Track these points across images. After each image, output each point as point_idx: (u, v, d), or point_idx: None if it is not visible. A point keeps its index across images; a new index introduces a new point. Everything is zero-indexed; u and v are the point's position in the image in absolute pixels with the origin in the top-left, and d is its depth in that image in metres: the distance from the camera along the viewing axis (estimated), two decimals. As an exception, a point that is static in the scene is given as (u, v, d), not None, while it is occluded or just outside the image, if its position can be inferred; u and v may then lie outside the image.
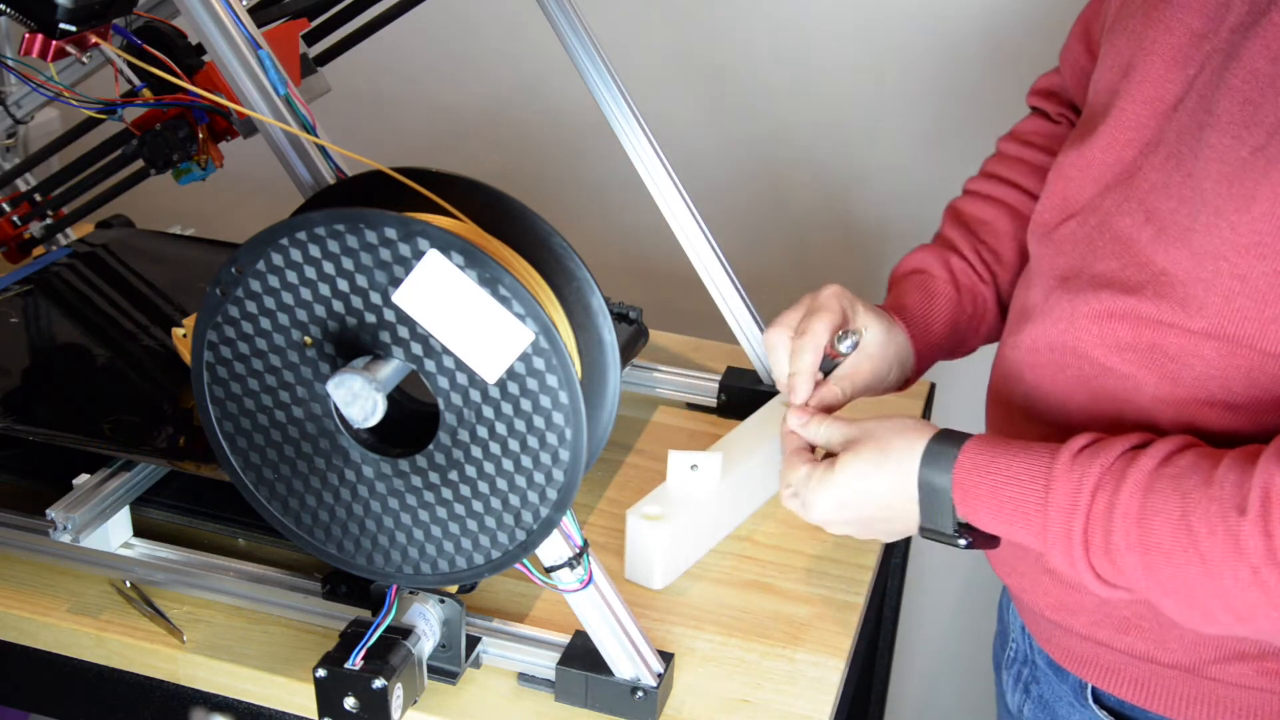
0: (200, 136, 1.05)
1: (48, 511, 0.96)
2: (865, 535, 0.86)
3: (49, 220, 1.26)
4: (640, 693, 0.88)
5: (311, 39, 1.14)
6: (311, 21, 1.12)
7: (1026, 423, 0.87)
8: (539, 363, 0.72)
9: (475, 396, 0.73)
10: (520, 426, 0.74)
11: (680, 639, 0.97)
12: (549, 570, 0.83)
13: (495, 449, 0.75)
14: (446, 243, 0.70)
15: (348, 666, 0.84)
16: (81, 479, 1.00)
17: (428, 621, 0.88)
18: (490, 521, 0.77)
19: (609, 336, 0.82)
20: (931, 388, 1.33)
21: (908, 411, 1.26)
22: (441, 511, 0.78)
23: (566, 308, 0.80)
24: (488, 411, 0.74)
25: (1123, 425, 0.80)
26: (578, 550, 0.83)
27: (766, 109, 1.60)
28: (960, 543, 0.80)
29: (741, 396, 1.24)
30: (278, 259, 0.73)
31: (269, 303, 0.74)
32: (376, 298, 0.72)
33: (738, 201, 1.65)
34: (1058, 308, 0.84)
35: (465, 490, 0.76)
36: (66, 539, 0.97)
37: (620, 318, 1.25)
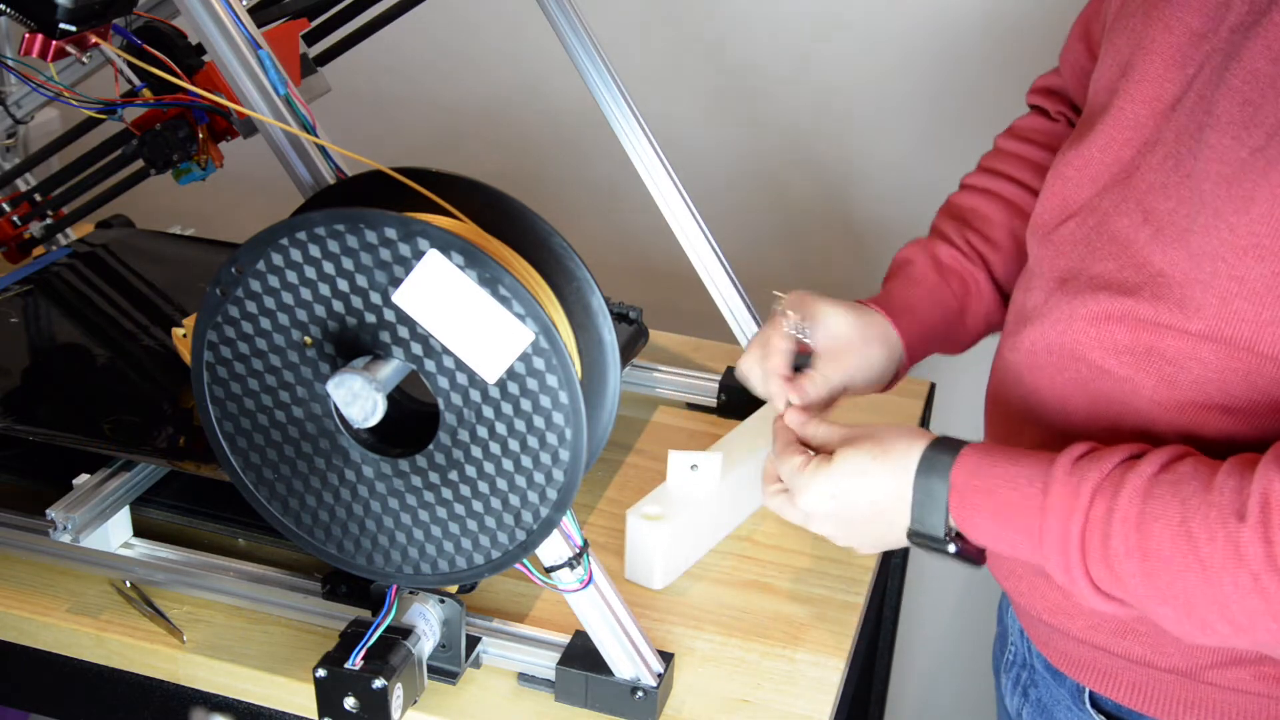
0: (200, 136, 1.05)
1: (48, 511, 0.96)
2: (843, 536, 0.84)
3: (49, 220, 1.26)
4: (640, 693, 0.88)
5: (311, 39, 1.14)
6: (311, 21, 1.12)
7: (1025, 425, 0.87)
8: (539, 363, 0.72)
9: (475, 396, 0.73)
10: (520, 426, 0.74)
11: (680, 639, 0.97)
12: (549, 570, 0.83)
13: (495, 449, 0.75)
14: (446, 243, 0.70)
15: (348, 666, 0.84)
16: (81, 479, 1.00)
17: (428, 621, 0.88)
18: (490, 521, 0.77)
19: (609, 336, 0.82)
20: (931, 388, 1.33)
21: (906, 412, 1.26)
22: (441, 511, 0.78)
23: (566, 308, 0.80)
24: (488, 411, 0.74)
25: (1121, 428, 0.80)
26: (578, 550, 0.83)
27: (767, 109, 1.60)
28: (950, 548, 0.79)
29: (741, 396, 1.24)
30: (278, 259, 0.73)
31: (269, 303, 0.74)
32: (376, 298, 0.72)
33: (738, 201, 1.65)
34: (1056, 309, 0.83)
35: (465, 490, 0.76)
36: (66, 539, 0.97)
37: (620, 318, 1.25)
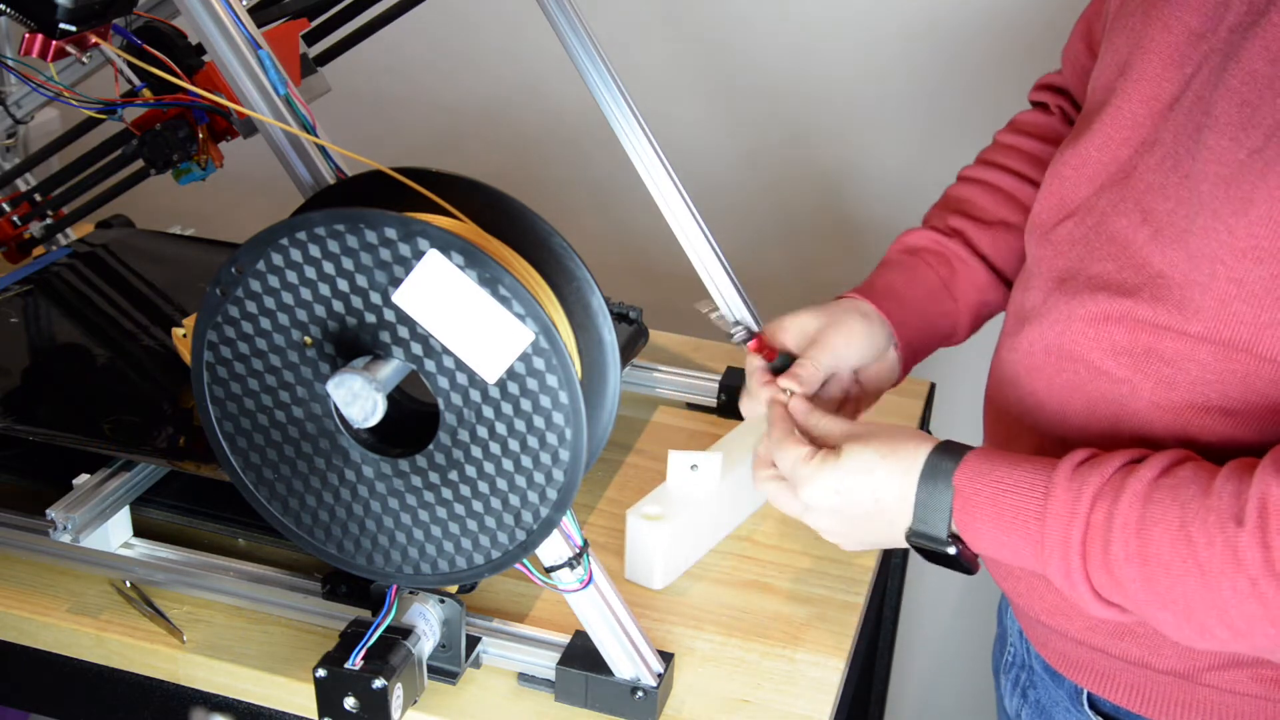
0: (200, 136, 1.05)
1: (48, 511, 0.96)
2: (838, 532, 0.84)
3: (49, 220, 1.26)
4: (640, 693, 0.88)
5: (311, 39, 1.14)
6: (311, 21, 1.12)
7: (1023, 426, 0.87)
8: (539, 363, 0.72)
9: (475, 396, 0.73)
10: (520, 426, 0.74)
11: (680, 639, 0.97)
12: (549, 570, 0.83)
13: (495, 449, 0.75)
14: (446, 243, 0.70)
15: (348, 666, 0.84)
16: (81, 479, 1.00)
17: (428, 621, 0.88)
18: (490, 521, 0.77)
19: (609, 336, 0.82)
20: (931, 388, 1.33)
21: (906, 412, 1.27)
22: (441, 511, 0.78)
23: (566, 308, 0.80)
24: (488, 411, 0.74)
25: (1119, 429, 0.80)
26: (578, 550, 0.83)
27: (767, 108, 1.60)
28: (950, 550, 0.79)
29: (741, 397, 1.24)
30: (278, 259, 0.73)
31: (269, 303, 0.74)
32: (376, 298, 0.72)
33: (738, 201, 1.65)
34: (1055, 310, 0.83)
35: (465, 490, 0.76)
36: (66, 539, 0.97)
37: (620, 318, 1.25)
